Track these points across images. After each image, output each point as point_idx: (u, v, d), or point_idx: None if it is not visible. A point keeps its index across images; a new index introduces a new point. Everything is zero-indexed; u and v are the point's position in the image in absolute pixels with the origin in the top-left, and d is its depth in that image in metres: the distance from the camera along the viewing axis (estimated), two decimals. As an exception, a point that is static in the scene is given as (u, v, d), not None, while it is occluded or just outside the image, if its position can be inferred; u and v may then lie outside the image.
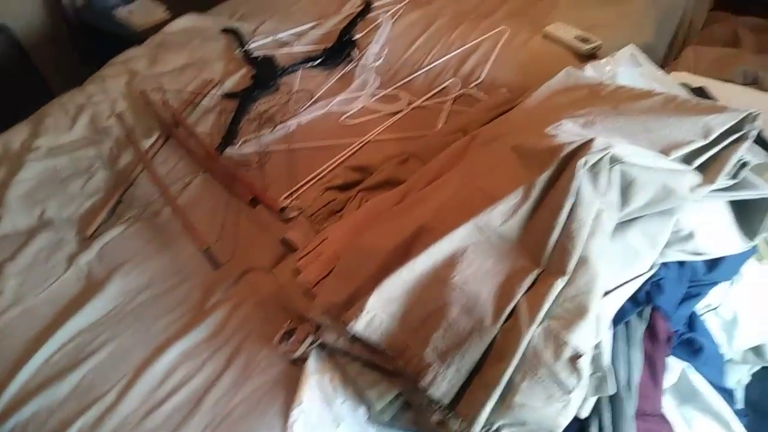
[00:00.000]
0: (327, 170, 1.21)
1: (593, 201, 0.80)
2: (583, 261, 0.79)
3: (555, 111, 1.00)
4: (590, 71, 1.25)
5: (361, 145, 1.27)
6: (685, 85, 1.41)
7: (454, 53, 1.51)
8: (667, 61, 1.64)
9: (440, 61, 1.49)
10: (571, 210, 0.80)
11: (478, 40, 1.54)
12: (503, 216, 0.83)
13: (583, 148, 0.82)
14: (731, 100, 1.38)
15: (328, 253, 0.97)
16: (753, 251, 0.96)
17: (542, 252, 0.81)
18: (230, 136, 1.32)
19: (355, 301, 0.85)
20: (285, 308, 0.97)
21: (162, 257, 1.08)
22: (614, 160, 0.82)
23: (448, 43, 1.55)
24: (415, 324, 0.83)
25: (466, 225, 0.84)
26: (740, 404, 1.02)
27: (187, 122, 1.37)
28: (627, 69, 1.28)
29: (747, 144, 0.90)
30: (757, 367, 1.06)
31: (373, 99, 1.40)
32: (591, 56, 1.45)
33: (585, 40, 1.46)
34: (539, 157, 0.85)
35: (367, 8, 1.71)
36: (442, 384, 0.78)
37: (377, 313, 0.84)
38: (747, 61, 1.50)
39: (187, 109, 1.41)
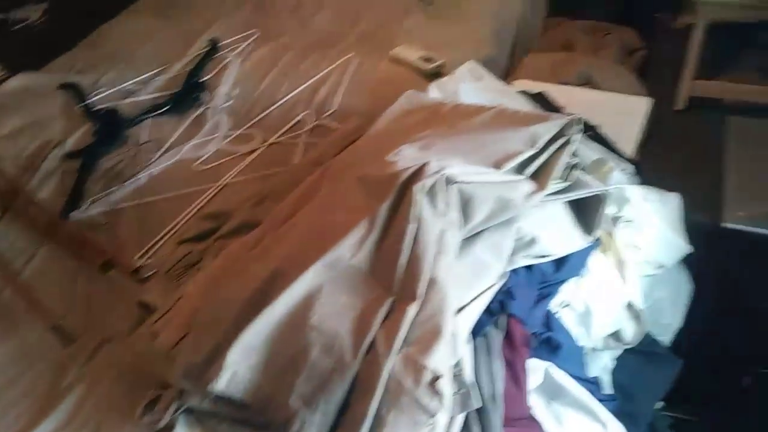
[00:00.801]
0: (182, 221, 1.17)
1: (435, 223, 0.82)
2: (432, 283, 0.80)
3: (396, 136, 1.02)
4: (434, 91, 1.29)
5: (217, 190, 1.24)
6: (525, 93, 1.50)
7: (305, 85, 1.51)
8: (510, 71, 1.72)
9: (292, 94, 1.49)
10: (416, 234, 0.82)
11: (328, 69, 1.55)
12: (352, 249, 0.83)
13: (419, 173, 0.84)
14: (569, 101, 1.49)
15: (185, 311, 0.93)
16: (596, 245, 1.02)
17: (393, 279, 0.81)
18: (75, 198, 1.24)
19: (216, 358, 0.82)
20: (147, 377, 0.92)
21: (5, 344, 1.00)
22: (450, 181, 0.84)
23: (298, 75, 1.55)
24: (278, 372, 0.81)
25: (317, 264, 0.83)
26: (609, 389, 1.07)
27: (26, 190, 1.28)
28: (468, 85, 1.33)
29: (572, 148, 0.96)
30: (620, 351, 1.12)
31: (227, 141, 1.38)
32: (437, 75, 1.50)
33: (429, 60, 1.51)
34: (380, 186, 0.87)
35: (213, 49, 1.68)
36: (311, 430, 0.76)
37: (238, 369, 0.81)
38: (581, 63, 1.61)
39: (25, 176, 1.32)
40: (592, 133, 1.39)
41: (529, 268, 0.92)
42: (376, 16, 1.76)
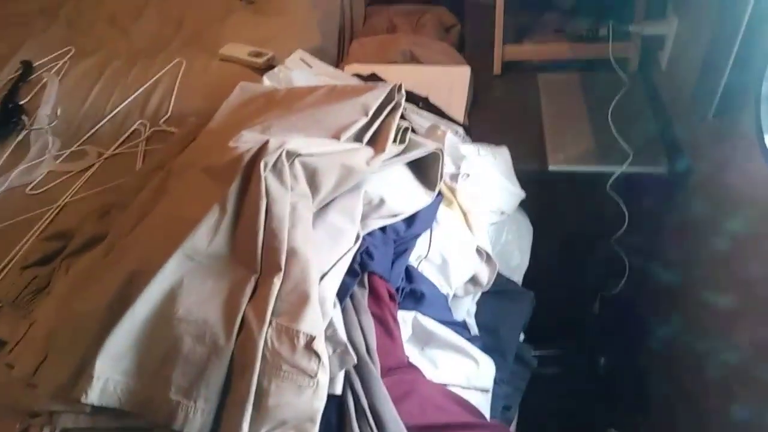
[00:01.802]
0: (22, 248, 1.10)
1: (284, 197, 0.85)
2: (292, 253, 0.83)
3: (236, 126, 1.03)
4: (267, 81, 1.32)
5: (56, 211, 1.18)
6: (357, 75, 1.56)
7: (135, 94, 1.47)
8: (340, 58, 1.78)
9: (123, 105, 1.44)
10: (268, 211, 0.84)
11: (157, 76, 1.52)
12: (207, 236, 0.84)
13: (261, 151, 0.86)
14: (398, 78, 1.55)
15: (40, 335, 0.88)
16: (440, 200, 1.10)
17: (254, 258, 0.83)
18: None
19: (83, 372, 0.79)
20: (11, 410, 0.86)
21: None
22: (292, 155, 0.87)
23: (126, 85, 1.50)
24: (153, 371, 0.79)
25: (174, 256, 0.83)
26: (474, 330, 1.16)
27: None
28: (300, 72, 1.37)
29: (400, 110, 1.03)
30: (479, 294, 1.21)
31: (59, 161, 1.31)
32: (268, 68, 1.53)
33: (258, 55, 1.53)
34: (225, 171, 0.88)
35: (27, 71, 1.57)
36: (196, 418, 0.76)
37: (110, 377, 0.78)
38: (403, 42, 1.70)
39: None
40: (423, 104, 1.49)
41: (382, 229, 0.98)
42: (199, 17, 1.74)
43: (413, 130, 1.11)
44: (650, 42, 1.62)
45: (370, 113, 0.98)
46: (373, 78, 1.56)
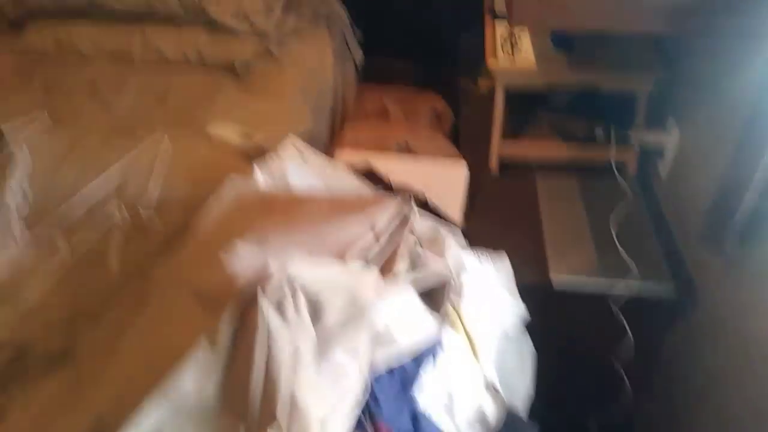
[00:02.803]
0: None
1: (285, 335, 0.75)
2: (291, 403, 0.72)
3: (227, 232, 0.94)
4: (260, 175, 1.23)
5: (16, 313, 1.05)
6: (352, 166, 1.49)
7: (111, 173, 1.36)
8: (332, 141, 1.72)
9: (97, 185, 1.32)
10: (267, 351, 0.74)
11: (137, 152, 1.41)
12: (195, 379, 0.73)
13: (261, 281, 0.76)
14: (392, 170, 1.51)
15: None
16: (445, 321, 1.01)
17: (247, 405, 0.72)
18: None
19: None
20: None
21: None
22: (293, 281, 0.78)
23: (103, 162, 1.39)
24: None
25: (153, 400, 0.71)
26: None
27: None
28: (294, 165, 1.29)
29: (409, 226, 0.95)
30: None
31: (22, 250, 1.18)
32: (258, 151, 1.44)
33: (249, 137, 1.44)
34: (217, 296, 0.78)
35: (-4, 137, 1.45)
36: None
37: None
38: (398, 132, 1.65)
39: None
40: (418, 202, 1.42)
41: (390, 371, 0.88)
42: (185, 93, 1.65)
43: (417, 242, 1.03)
44: (650, 149, 1.60)
45: (378, 229, 0.90)
46: (369, 173, 1.50)
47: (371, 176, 1.52)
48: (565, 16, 1.08)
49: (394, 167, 1.52)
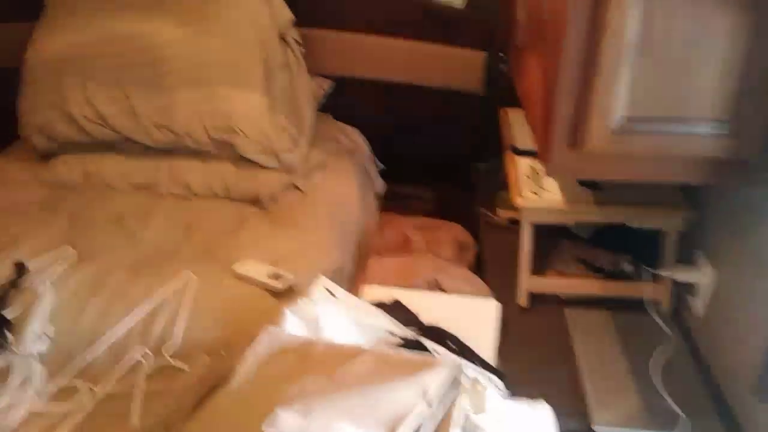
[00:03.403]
0: None
1: None
2: None
3: (266, 392, 0.90)
4: (293, 320, 1.19)
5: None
6: (381, 304, 1.46)
7: (137, 315, 1.33)
8: (357, 276, 1.70)
9: (121, 328, 1.29)
10: None
11: (163, 292, 1.39)
12: None
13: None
14: (421, 307, 1.47)
15: None
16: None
17: None
18: None
19: None
20: None
21: None
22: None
23: (128, 302, 1.36)
24: None
25: None
26: None
27: None
28: (326, 307, 1.26)
29: (458, 392, 0.90)
30: None
31: (42, 398, 1.12)
32: (288, 292, 1.42)
33: (278, 277, 1.42)
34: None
35: (21, 273, 1.43)
36: None
37: None
38: (425, 266, 1.63)
39: None
40: (453, 343, 1.38)
41: None
42: (211, 227, 1.66)
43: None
44: (682, 286, 1.57)
45: (430, 397, 0.85)
46: (396, 307, 1.47)
47: (400, 311, 1.49)
48: (603, 170, 1.10)
49: (423, 304, 1.49)
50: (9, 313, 1.32)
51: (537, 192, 1.59)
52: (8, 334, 1.25)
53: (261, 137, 1.76)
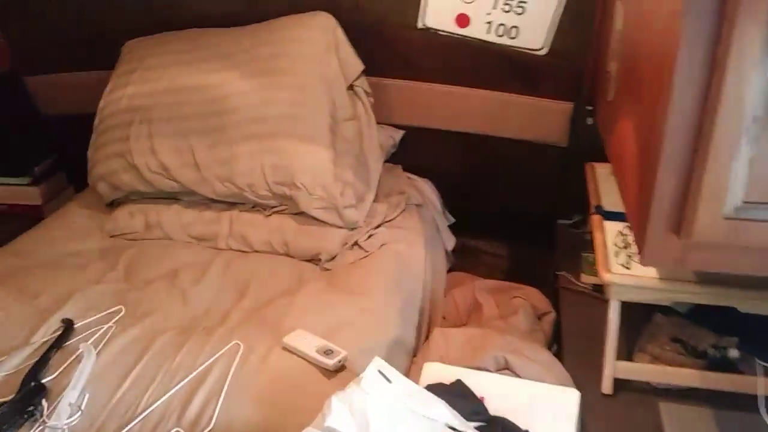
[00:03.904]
0: None
1: None
2: None
3: None
4: (338, 409, 1.06)
5: None
6: (441, 387, 1.31)
7: (177, 387, 1.23)
8: (419, 349, 1.55)
9: (159, 402, 1.20)
10: None
11: (207, 363, 1.29)
12: None
13: None
14: (488, 391, 1.31)
15: None
16: None
17: None
18: None
19: None
20: None
21: None
22: None
23: (171, 371, 1.27)
24: None
25: None
26: None
27: None
28: (377, 396, 1.12)
29: None
30: None
31: (65, 483, 1.04)
32: (338, 369, 1.29)
33: (329, 353, 1.29)
34: None
35: (66, 334, 1.38)
36: None
37: None
38: (496, 345, 1.46)
39: None
40: (523, 442, 1.20)
41: None
42: (267, 288, 1.56)
43: None
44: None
45: None
46: (457, 387, 1.31)
47: (462, 393, 1.33)
48: (712, 261, 0.91)
49: (489, 387, 1.32)
50: (48, 377, 1.26)
51: (627, 264, 1.40)
52: (44, 404, 1.18)
53: (323, 192, 1.66)
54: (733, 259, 0.89)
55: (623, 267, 1.39)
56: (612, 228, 1.53)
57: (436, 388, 1.28)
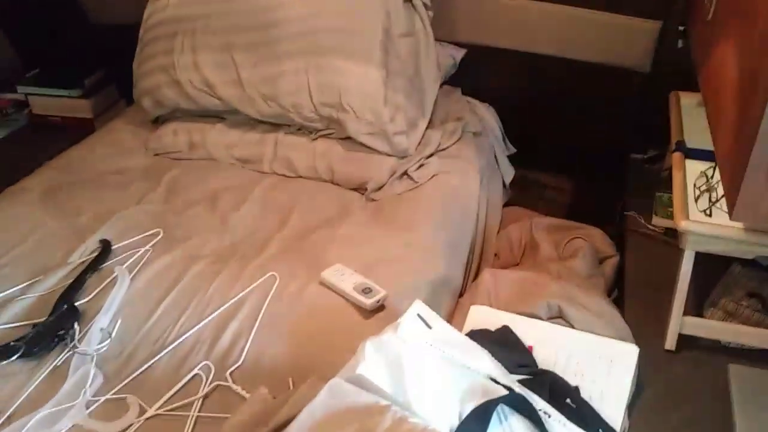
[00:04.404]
0: None
1: None
2: None
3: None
4: (371, 356, 0.98)
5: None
6: (487, 333, 1.22)
7: (209, 318, 1.19)
8: (465, 286, 1.45)
9: (189, 333, 1.16)
10: None
11: (242, 294, 1.24)
12: None
13: None
14: (537, 340, 1.21)
15: None
16: None
17: None
18: None
19: None
20: None
21: None
22: None
23: (204, 301, 1.23)
24: None
25: None
26: None
27: None
28: (414, 344, 1.03)
29: None
30: None
31: (90, 410, 1.02)
32: (377, 310, 1.21)
33: (368, 291, 1.21)
34: None
35: (104, 254, 1.35)
36: None
37: None
38: (549, 292, 1.34)
39: None
40: (573, 400, 1.11)
41: None
42: (309, 216, 1.48)
43: None
44: None
45: None
46: (504, 334, 1.22)
47: (509, 340, 1.24)
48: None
49: (540, 336, 1.23)
50: (82, 300, 1.24)
51: (709, 211, 1.23)
52: (76, 327, 1.16)
53: (372, 116, 1.53)
54: None
55: (704, 214, 1.23)
56: (694, 168, 1.35)
57: (480, 335, 1.20)
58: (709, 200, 1.25)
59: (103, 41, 2.18)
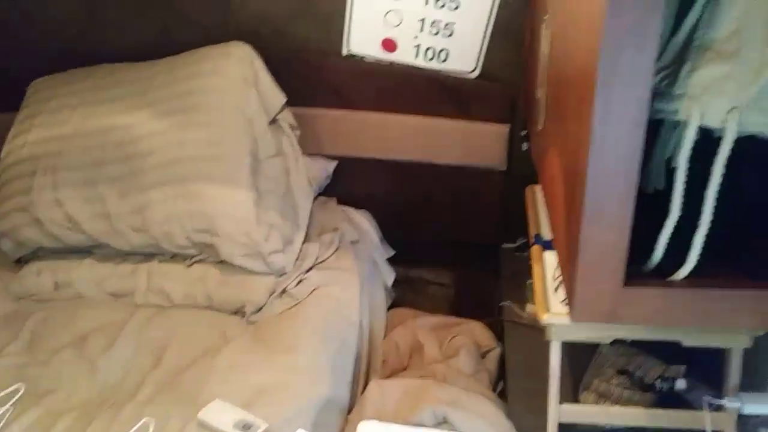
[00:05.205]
0: None
1: None
2: None
3: None
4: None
5: None
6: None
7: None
8: (353, 405, 1.44)
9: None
10: None
11: (115, 449, 1.16)
12: None
13: None
14: None
15: None
16: None
17: None
18: None
19: None
20: None
21: None
22: None
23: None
24: None
25: None
26: None
27: None
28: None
29: None
30: None
31: None
32: (259, 445, 1.17)
33: (248, 428, 1.18)
34: None
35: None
36: None
37: None
38: (433, 397, 1.36)
39: None
40: None
41: None
42: (186, 348, 1.43)
43: None
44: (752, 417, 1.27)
45: None
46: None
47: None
48: (645, 315, 0.82)
49: (428, 449, 1.23)
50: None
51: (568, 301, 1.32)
52: None
53: (246, 239, 1.54)
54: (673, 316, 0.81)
55: (563, 305, 1.31)
56: (552, 259, 1.45)
57: (368, 455, 1.19)
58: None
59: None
